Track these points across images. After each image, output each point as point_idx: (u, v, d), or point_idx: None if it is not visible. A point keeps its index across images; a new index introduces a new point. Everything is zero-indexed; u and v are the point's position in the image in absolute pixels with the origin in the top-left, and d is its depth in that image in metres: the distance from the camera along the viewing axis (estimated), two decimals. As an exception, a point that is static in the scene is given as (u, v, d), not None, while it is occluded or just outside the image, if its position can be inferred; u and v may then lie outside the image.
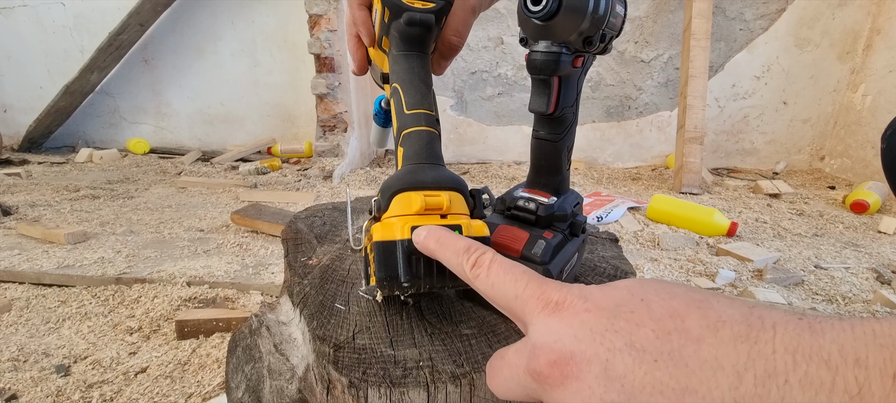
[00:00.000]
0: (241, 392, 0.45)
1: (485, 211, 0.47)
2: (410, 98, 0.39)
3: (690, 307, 0.19)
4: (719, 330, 0.17)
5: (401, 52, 0.41)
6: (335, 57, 2.23)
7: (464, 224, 0.35)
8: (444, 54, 0.46)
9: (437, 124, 0.40)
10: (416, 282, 0.34)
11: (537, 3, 0.34)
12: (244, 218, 1.48)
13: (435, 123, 0.40)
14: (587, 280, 0.50)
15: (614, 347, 0.19)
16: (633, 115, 2.49)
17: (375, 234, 0.34)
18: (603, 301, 0.21)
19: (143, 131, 2.91)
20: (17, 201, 1.79)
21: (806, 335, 0.16)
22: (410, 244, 0.33)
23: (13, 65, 2.84)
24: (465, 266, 0.27)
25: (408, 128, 0.39)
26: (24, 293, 1.11)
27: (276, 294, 1.11)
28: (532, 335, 0.22)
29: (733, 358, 0.16)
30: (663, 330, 0.18)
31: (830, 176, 2.33)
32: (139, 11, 2.39)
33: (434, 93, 0.42)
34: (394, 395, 0.33)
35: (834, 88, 2.31)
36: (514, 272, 0.25)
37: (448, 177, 0.37)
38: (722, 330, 0.17)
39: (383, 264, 0.33)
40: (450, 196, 0.36)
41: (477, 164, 2.61)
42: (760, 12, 2.24)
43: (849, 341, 0.15)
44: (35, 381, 0.80)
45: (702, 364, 0.17)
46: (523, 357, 0.22)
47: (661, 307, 0.19)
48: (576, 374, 0.19)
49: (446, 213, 0.35)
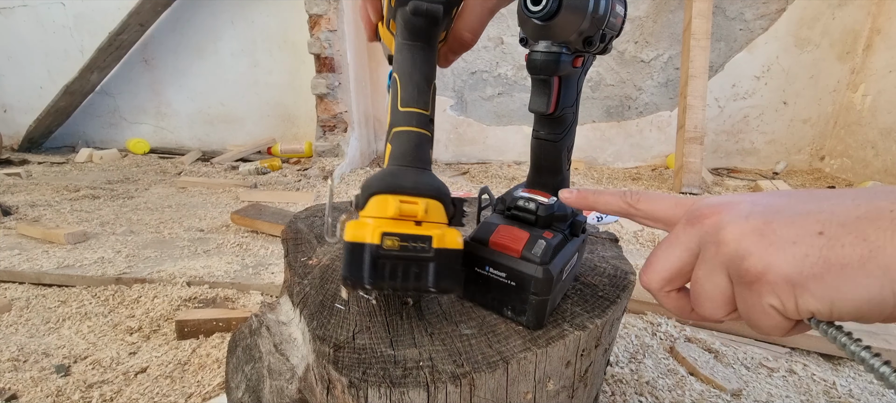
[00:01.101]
0: (241, 392, 0.45)
1: (485, 211, 0.47)
2: (406, 94, 0.38)
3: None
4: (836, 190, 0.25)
5: (405, 42, 0.39)
6: (335, 57, 2.23)
7: (436, 234, 0.35)
8: (454, 49, 0.44)
9: (430, 125, 0.39)
10: (379, 285, 0.34)
11: (537, 3, 0.34)
12: (244, 218, 1.48)
13: (427, 124, 0.38)
14: (587, 280, 0.50)
15: (757, 198, 0.26)
16: (633, 115, 2.49)
17: (347, 233, 0.34)
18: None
19: (143, 131, 2.91)
20: (17, 201, 1.79)
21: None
22: (378, 249, 0.33)
23: (13, 65, 2.84)
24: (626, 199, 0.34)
25: (398, 127, 0.38)
26: (24, 293, 1.11)
27: (276, 294, 1.11)
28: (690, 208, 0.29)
29: (853, 193, 0.23)
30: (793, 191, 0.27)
31: (830, 176, 2.33)
32: (139, 11, 2.39)
33: (435, 90, 0.40)
34: (394, 395, 0.33)
35: (834, 88, 2.31)
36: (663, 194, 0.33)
37: (428, 184, 0.36)
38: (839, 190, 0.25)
39: (349, 263, 0.34)
40: (427, 203, 0.36)
41: (477, 164, 2.61)
42: (760, 12, 2.23)
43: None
44: (35, 381, 0.80)
45: (827, 194, 0.24)
46: (682, 220, 0.29)
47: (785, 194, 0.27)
48: (730, 206, 0.26)
49: (421, 221, 0.35)
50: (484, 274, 0.41)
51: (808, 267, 0.22)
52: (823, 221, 0.22)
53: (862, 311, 0.21)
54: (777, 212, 0.24)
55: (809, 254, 0.22)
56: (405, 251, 0.34)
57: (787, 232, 0.23)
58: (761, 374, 0.83)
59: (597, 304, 0.45)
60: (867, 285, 0.21)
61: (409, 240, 0.34)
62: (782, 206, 0.24)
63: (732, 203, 0.26)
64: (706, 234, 0.26)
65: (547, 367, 0.39)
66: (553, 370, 0.40)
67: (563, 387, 0.42)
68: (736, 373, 0.83)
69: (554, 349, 0.39)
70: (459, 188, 2.01)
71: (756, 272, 0.23)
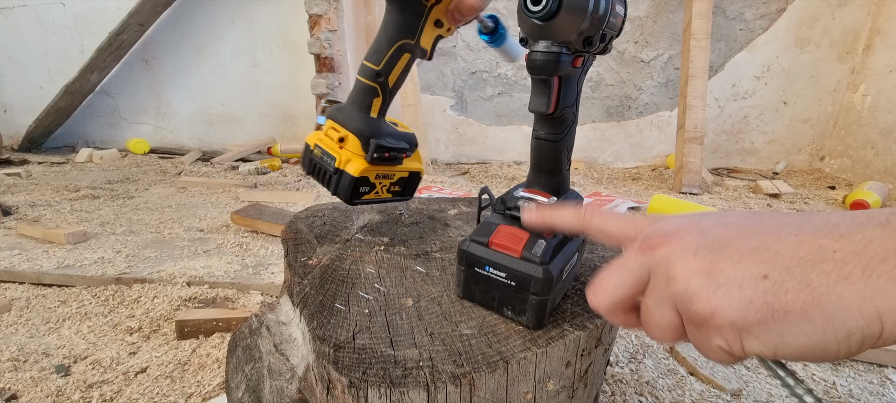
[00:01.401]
0: (241, 392, 0.45)
1: (485, 211, 0.48)
2: (369, 48, 0.48)
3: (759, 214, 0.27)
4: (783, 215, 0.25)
5: (386, 3, 0.46)
6: (335, 57, 2.23)
7: (342, 158, 0.50)
8: (463, 12, 0.46)
9: (379, 78, 0.48)
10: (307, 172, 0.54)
11: (537, 3, 0.34)
12: (244, 218, 1.48)
13: (374, 77, 0.48)
14: (587, 280, 0.50)
15: (707, 226, 0.26)
16: (633, 115, 2.49)
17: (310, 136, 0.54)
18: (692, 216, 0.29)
19: (143, 131, 2.91)
20: (17, 201, 1.79)
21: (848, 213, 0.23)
22: (309, 150, 0.53)
23: (13, 65, 2.84)
24: (579, 215, 0.34)
25: (359, 74, 0.49)
26: (24, 293, 1.11)
27: (276, 294, 1.11)
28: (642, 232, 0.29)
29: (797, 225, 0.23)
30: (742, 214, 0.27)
31: (830, 176, 2.33)
32: (139, 11, 2.39)
33: (402, 51, 0.48)
34: (394, 395, 0.33)
35: (834, 88, 2.31)
36: (617, 213, 0.33)
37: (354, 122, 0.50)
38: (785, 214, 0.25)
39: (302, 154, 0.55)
40: (347, 135, 0.50)
41: (477, 164, 2.61)
42: (760, 12, 2.23)
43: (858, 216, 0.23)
44: (35, 381, 0.80)
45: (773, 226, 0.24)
46: (634, 246, 0.28)
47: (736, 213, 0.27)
48: (680, 236, 0.26)
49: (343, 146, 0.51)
50: (484, 274, 0.41)
51: (753, 313, 0.22)
52: (768, 262, 0.23)
53: (805, 355, 0.22)
54: (724, 249, 0.24)
55: (754, 299, 0.22)
56: (321, 159, 0.52)
57: (733, 273, 0.23)
58: (761, 374, 0.83)
59: (597, 304, 0.45)
60: (809, 332, 0.21)
61: (324, 154, 0.51)
62: (729, 241, 0.24)
63: (681, 232, 0.26)
64: (657, 266, 0.26)
65: (547, 367, 0.39)
66: (553, 370, 0.40)
67: (563, 387, 0.42)
68: (736, 373, 0.83)
69: (554, 349, 0.39)
70: (459, 188, 2.00)
71: (704, 315, 0.24)
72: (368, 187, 0.52)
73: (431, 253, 0.55)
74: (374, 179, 0.52)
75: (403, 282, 0.48)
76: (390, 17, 0.46)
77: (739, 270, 0.23)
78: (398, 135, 0.53)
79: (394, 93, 0.51)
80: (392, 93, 0.50)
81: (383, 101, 0.50)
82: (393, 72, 0.48)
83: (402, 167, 0.54)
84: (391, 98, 0.51)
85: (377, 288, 0.47)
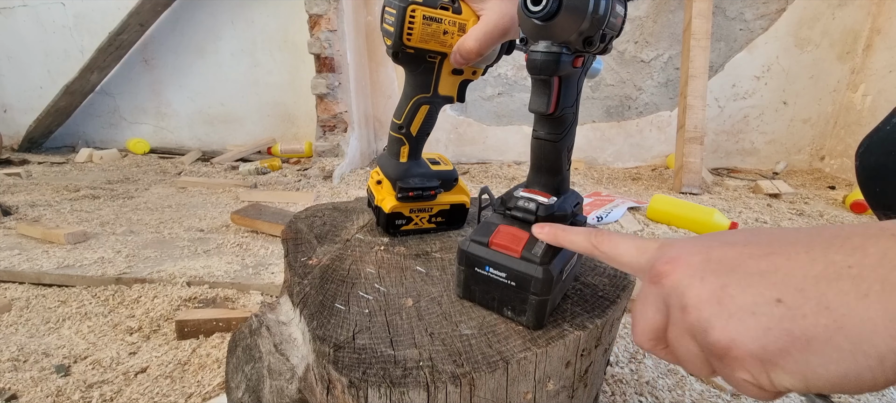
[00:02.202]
0: (241, 392, 0.45)
1: (485, 211, 0.50)
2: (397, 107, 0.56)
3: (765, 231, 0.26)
4: (790, 231, 0.24)
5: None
6: (335, 57, 2.23)
7: (379, 198, 0.59)
8: (462, 53, 0.48)
9: (402, 130, 0.56)
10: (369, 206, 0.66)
11: (537, 3, 0.34)
12: (244, 218, 1.48)
13: (398, 129, 0.56)
14: (587, 280, 0.50)
15: (712, 246, 0.25)
16: (633, 115, 2.49)
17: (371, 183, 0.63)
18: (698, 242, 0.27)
19: (143, 131, 2.91)
20: (17, 201, 1.79)
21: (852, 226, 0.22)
22: (369, 189, 0.64)
23: (13, 65, 2.84)
24: (589, 240, 0.34)
25: (390, 129, 0.58)
26: (24, 293, 1.11)
27: (276, 294, 1.11)
28: (650, 261, 0.28)
29: (806, 241, 0.22)
30: (749, 232, 0.26)
31: (830, 176, 2.33)
32: (139, 11, 2.39)
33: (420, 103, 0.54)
34: (394, 395, 0.33)
35: (834, 88, 2.31)
36: (626, 237, 0.32)
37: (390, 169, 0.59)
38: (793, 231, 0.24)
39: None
40: (383, 178, 0.60)
41: (477, 164, 2.61)
42: (760, 12, 2.23)
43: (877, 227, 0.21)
44: (35, 381, 0.80)
45: (780, 244, 0.23)
46: (645, 276, 0.28)
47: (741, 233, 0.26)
48: (684, 260, 0.25)
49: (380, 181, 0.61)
50: (484, 274, 0.41)
51: (772, 342, 0.20)
52: (779, 285, 0.21)
53: (840, 386, 0.19)
54: (731, 272, 0.23)
55: (771, 327, 0.20)
56: (370, 196, 0.63)
57: (744, 299, 0.22)
58: (761, 374, 0.83)
59: (597, 304, 0.45)
60: (838, 359, 0.19)
61: (370, 193, 0.63)
62: (737, 263, 0.23)
63: (685, 256, 0.25)
64: (668, 296, 0.25)
65: (547, 367, 0.39)
66: (553, 370, 0.40)
67: (563, 387, 0.42)
68: (736, 373, 0.83)
69: (554, 349, 0.39)
70: (459, 188, 2.00)
71: (722, 347, 0.22)
72: (405, 220, 0.59)
73: (431, 253, 0.55)
74: (410, 213, 0.59)
75: (403, 282, 0.48)
76: (407, 77, 0.54)
77: (750, 295, 0.21)
78: (430, 174, 0.59)
79: (421, 139, 0.58)
80: (418, 139, 0.57)
81: (411, 148, 0.58)
82: (414, 122, 0.56)
83: (439, 201, 0.60)
84: (419, 143, 0.58)
85: (377, 288, 0.47)
